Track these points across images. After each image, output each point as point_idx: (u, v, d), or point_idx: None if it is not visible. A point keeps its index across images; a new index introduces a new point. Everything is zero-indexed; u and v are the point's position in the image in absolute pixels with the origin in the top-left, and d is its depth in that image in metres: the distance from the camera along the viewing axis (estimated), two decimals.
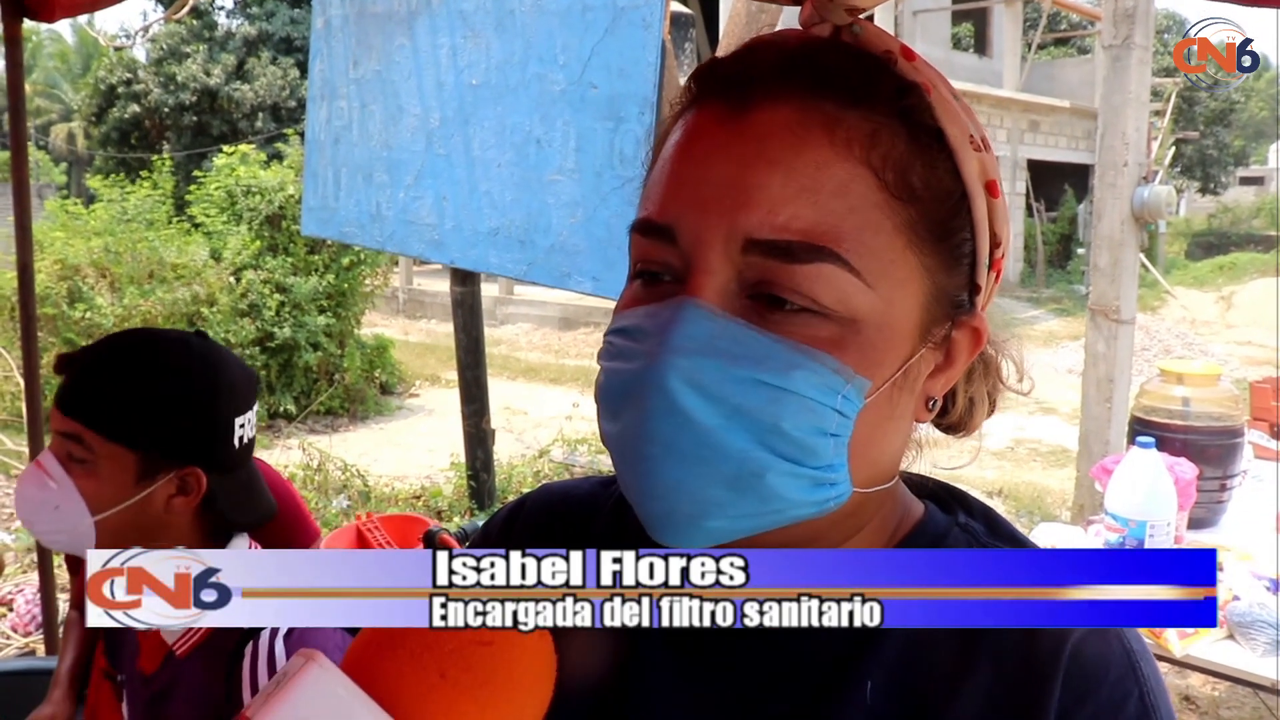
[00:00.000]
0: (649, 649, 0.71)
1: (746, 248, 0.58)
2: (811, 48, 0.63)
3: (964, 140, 0.63)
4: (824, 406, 0.58)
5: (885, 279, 0.60)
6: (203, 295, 8.94)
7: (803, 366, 0.57)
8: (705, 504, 0.58)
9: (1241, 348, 14.63)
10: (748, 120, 0.60)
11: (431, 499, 6.77)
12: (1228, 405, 3.30)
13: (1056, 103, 19.02)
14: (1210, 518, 3.21)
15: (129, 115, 21.99)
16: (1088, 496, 5.53)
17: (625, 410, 0.60)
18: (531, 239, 3.32)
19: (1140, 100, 5.34)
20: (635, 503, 0.61)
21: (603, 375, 0.63)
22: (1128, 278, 5.42)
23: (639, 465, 0.59)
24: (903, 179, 0.60)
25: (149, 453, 1.31)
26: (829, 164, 0.59)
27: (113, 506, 1.31)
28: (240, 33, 22.96)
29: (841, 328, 0.59)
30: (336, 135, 4.31)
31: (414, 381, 11.43)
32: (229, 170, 9.90)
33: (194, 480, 1.34)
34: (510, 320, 16.07)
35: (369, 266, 10.08)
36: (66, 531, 1.32)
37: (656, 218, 0.62)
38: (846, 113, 0.60)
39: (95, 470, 1.30)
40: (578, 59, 3.14)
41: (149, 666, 1.38)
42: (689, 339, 0.58)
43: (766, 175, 0.59)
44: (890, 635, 0.65)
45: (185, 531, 1.38)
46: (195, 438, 1.33)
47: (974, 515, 0.72)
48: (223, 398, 1.36)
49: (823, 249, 0.58)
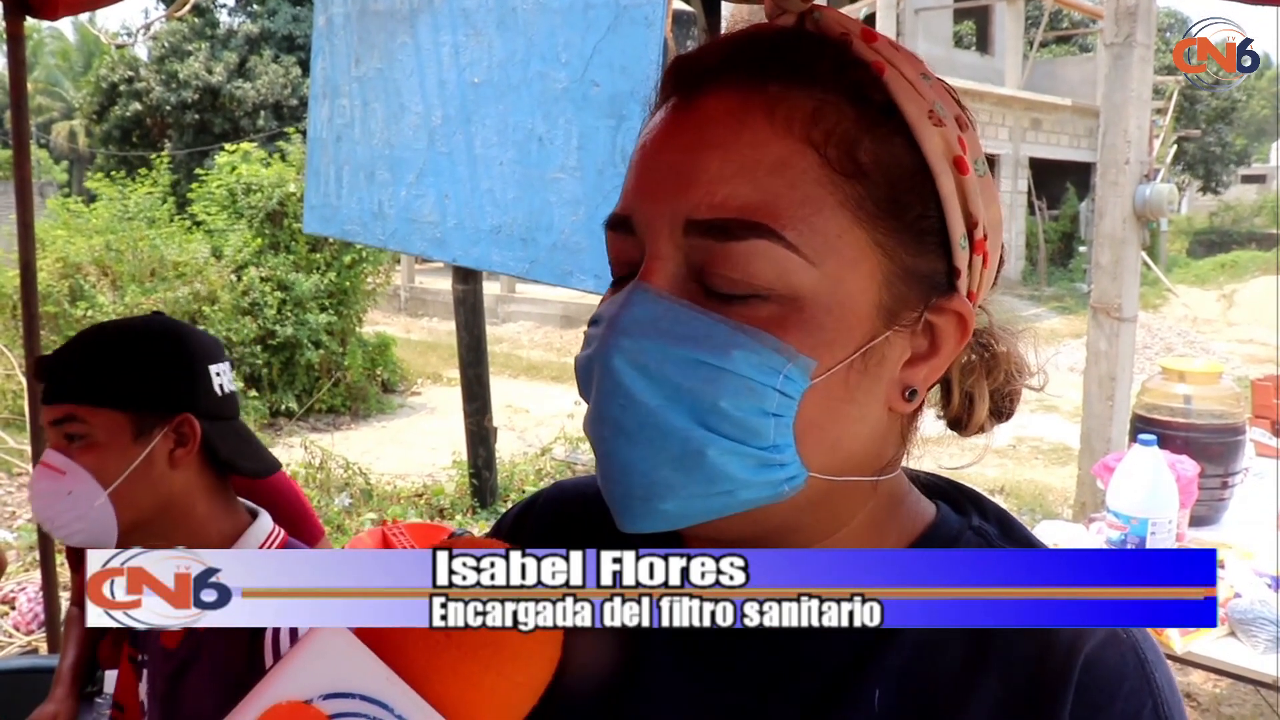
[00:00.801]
0: (650, 650, 0.71)
1: (687, 229, 0.59)
2: (760, 35, 0.64)
3: (922, 115, 0.61)
4: (764, 386, 0.57)
5: (831, 256, 0.59)
6: (204, 293, 8.94)
7: (742, 346, 0.57)
8: (655, 485, 0.59)
9: (1243, 346, 14.62)
10: (694, 108, 0.62)
11: (434, 497, 6.78)
12: (1229, 403, 3.30)
13: (1058, 101, 19.01)
14: (1212, 515, 3.21)
15: (130, 113, 22.01)
16: (1089, 494, 5.53)
17: (587, 394, 0.62)
18: (533, 237, 3.32)
19: (1142, 98, 5.33)
20: (602, 490, 0.63)
21: (575, 364, 0.65)
22: (1129, 276, 5.42)
23: (597, 449, 0.61)
24: (847, 155, 0.59)
25: (138, 410, 1.36)
26: (766, 142, 0.59)
27: (119, 474, 1.35)
28: (242, 30, 22.97)
29: (783, 306, 0.58)
30: (339, 133, 4.30)
31: (416, 379, 11.43)
32: (230, 168, 9.91)
33: (188, 428, 1.39)
34: (512, 318, 16.08)
35: (371, 264, 10.09)
36: (84, 518, 1.35)
37: (618, 210, 0.64)
38: (790, 92, 0.60)
39: (93, 442, 1.35)
40: (580, 57, 3.14)
41: (170, 641, 1.41)
42: (633, 322, 0.59)
43: (706, 158, 0.59)
44: (897, 641, 0.64)
45: (196, 493, 1.42)
46: (176, 384, 1.40)
47: (987, 517, 0.71)
48: (195, 349, 1.44)
49: (758, 225, 0.58)
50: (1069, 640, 0.61)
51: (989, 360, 0.70)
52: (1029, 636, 0.62)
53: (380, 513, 6.31)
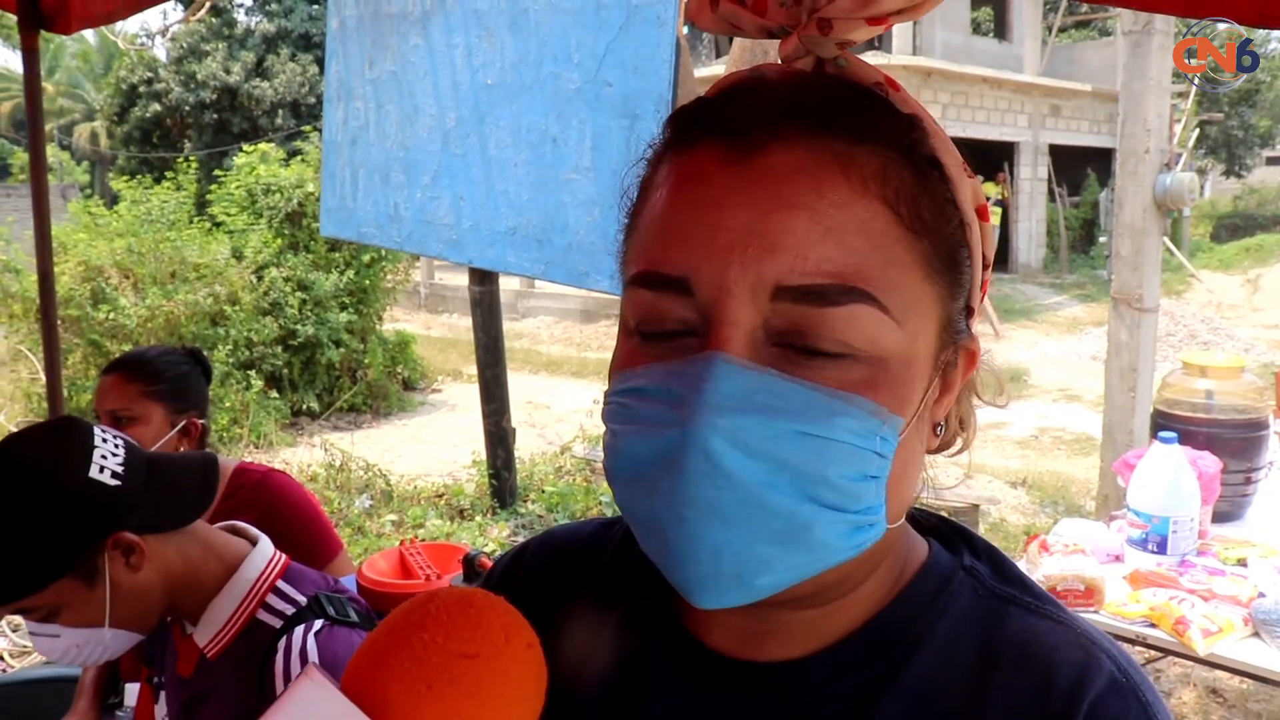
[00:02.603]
0: (662, 694, 0.71)
1: (776, 294, 0.56)
2: (808, 85, 0.62)
3: (959, 168, 0.63)
4: (865, 450, 0.57)
5: (911, 314, 0.59)
6: (224, 294, 8.99)
7: (843, 413, 0.56)
8: (751, 563, 0.57)
9: (1269, 331, 14.48)
10: (758, 163, 0.58)
11: (454, 497, 6.80)
12: (1252, 397, 3.26)
13: (1078, 86, 18.84)
14: (1235, 511, 3.18)
15: (150, 114, 22.15)
16: (1112, 487, 5.48)
17: (655, 475, 0.57)
18: (549, 238, 3.32)
19: (1161, 86, 5.28)
20: (669, 567, 0.59)
21: (619, 440, 0.60)
22: (1150, 266, 5.37)
23: (673, 530, 0.57)
24: (915, 212, 0.59)
25: (69, 570, 1.30)
26: (849, 203, 0.57)
27: (104, 612, 1.33)
28: (259, 30, 23.06)
29: (872, 368, 0.58)
30: (353, 136, 4.32)
31: (436, 377, 11.47)
32: (249, 169, 9.96)
33: (124, 541, 1.33)
34: (531, 314, 16.10)
35: (390, 263, 10.12)
36: (106, 645, 1.37)
37: (667, 270, 0.59)
38: (856, 149, 0.58)
39: (61, 609, 1.32)
40: (592, 57, 3.13)
41: (186, 670, 1.43)
42: (725, 396, 0.55)
43: (790, 219, 0.56)
44: (902, 687, 0.64)
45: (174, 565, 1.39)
46: (75, 530, 1.30)
47: (979, 555, 0.71)
48: (56, 486, 1.30)
49: (854, 289, 0.56)
50: (1070, 687, 0.61)
51: (973, 382, 0.71)
52: (1029, 682, 0.62)
53: (401, 514, 6.34)
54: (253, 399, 8.49)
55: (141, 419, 2.05)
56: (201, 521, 1.46)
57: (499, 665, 0.61)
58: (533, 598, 0.73)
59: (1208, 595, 2.52)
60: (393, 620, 0.62)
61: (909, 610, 0.67)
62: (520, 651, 0.62)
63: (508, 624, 0.62)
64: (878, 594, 0.68)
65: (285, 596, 1.41)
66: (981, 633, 0.65)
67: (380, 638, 0.61)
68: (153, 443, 2.03)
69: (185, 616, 1.43)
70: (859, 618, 0.67)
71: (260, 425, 8.33)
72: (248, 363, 8.96)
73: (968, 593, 0.68)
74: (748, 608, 0.66)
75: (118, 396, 2.05)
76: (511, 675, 0.61)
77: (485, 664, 0.60)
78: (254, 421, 8.31)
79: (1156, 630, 2.46)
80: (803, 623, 0.67)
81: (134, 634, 1.38)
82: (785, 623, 0.67)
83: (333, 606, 1.40)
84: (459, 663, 0.59)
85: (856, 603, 0.67)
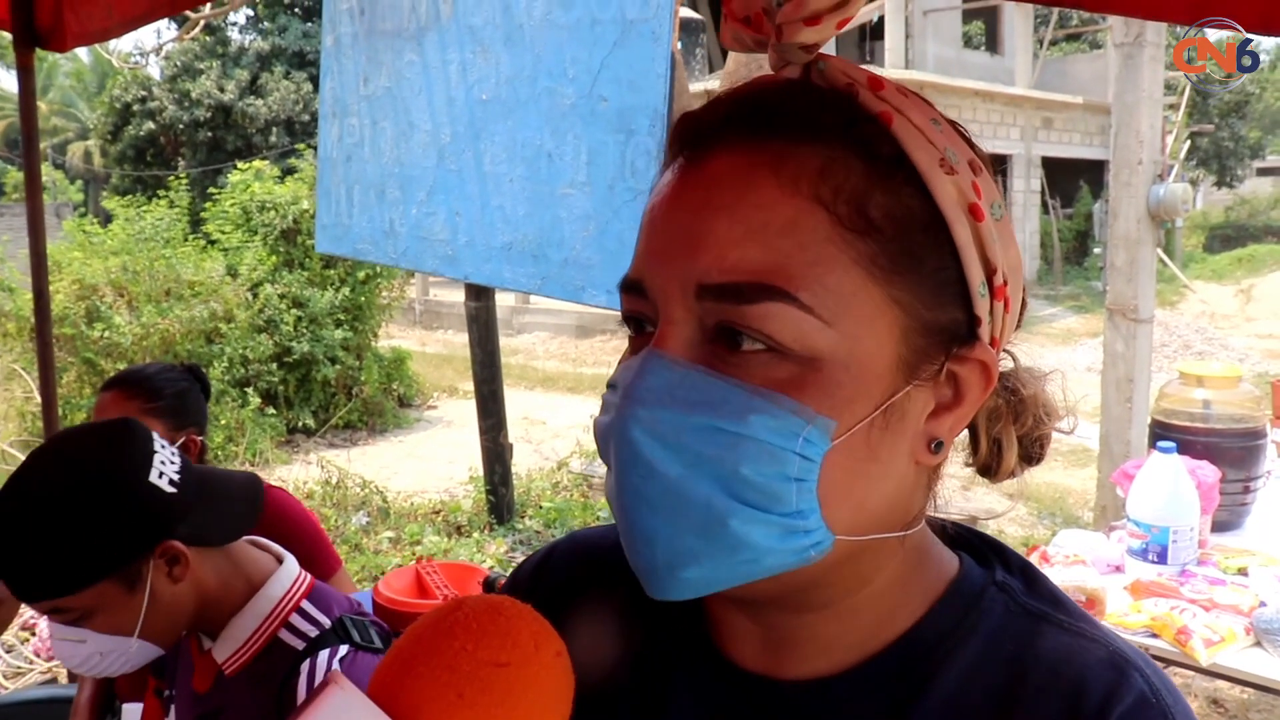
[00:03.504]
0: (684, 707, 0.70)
1: (700, 293, 0.58)
2: (764, 90, 0.63)
3: (933, 164, 0.60)
4: (784, 450, 0.56)
5: (846, 315, 0.58)
6: (220, 312, 8.99)
7: (759, 410, 0.56)
8: (680, 554, 0.58)
9: (1262, 341, 14.52)
10: (700, 169, 0.61)
11: (451, 514, 6.78)
12: (1249, 406, 3.27)
13: (1069, 99, 18.93)
14: (1234, 520, 3.19)
15: (144, 132, 22.15)
16: (1110, 498, 5.49)
17: (608, 462, 0.61)
18: (545, 253, 3.32)
19: (1153, 98, 5.30)
20: (628, 557, 0.62)
21: (594, 428, 0.64)
22: (1145, 276, 5.38)
23: (621, 519, 0.60)
24: (857, 211, 0.58)
25: (115, 572, 1.29)
26: (775, 203, 0.58)
27: (135, 621, 1.31)
28: (253, 48, 23.11)
29: (801, 367, 0.57)
30: (349, 153, 4.32)
31: (432, 393, 11.45)
32: (244, 186, 9.96)
33: (172, 550, 1.32)
34: (526, 329, 16.10)
35: (385, 279, 10.12)
36: (129, 657, 1.35)
37: (631, 274, 0.63)
38: (796, 149, 0.59)
39: (94, 613, 1.31)
40: (587, 72, 3.13)
41: (202, 686, 1.42)
42: (648, 390, 0.58)
43: (713, 220, 0.59)
44: (929, 706, 0.63)
45: (208, 582, 1.38)
46: (132, 529, 1.29)
47: (1011, 570, 0.70)
48: (120, 480, 1.29)
49: (771, 288, 0.57)
50: (1099, 704, 0.60)
51: (1016, 405, 0.68)
52: (1058, 700, 0.61)
53: (398, 531, 6.32)
54: (248, 416, 8.47)
55: None
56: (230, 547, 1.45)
57: (529, 673, 0.61)
58: (559, 600, 0.73)
59: (1209, 605, 2.52)
60: (420, 629, 0.62)
61: (938, 628, 0.66)
62: (549, 660, 0.62)
63: (537, 632, 0.63)
64: (905, 609, 0.66)
65: (309, 617, 1.40)
66: (1012, 651, 0.64)
67: (407, 646, 0.61)
68: None
69: (206, 631, 1.41)
70: (886, 634, 0.66)
71: (256, 443, 8.30)
72: (243, 380, 8.94)
73: (999, 609, 0.66)
74: (759, 616, 0.66)
75: (117, 413, 2.03)
76: (541, 683, 0.61)
77: (516, 672, 0.60)
78: (250, 439, 8.29)
79: (1158, 640, 2.45)
80: (821, 635, 0.66)
81: (156, 648, 1.37)
82: (796, 633, 0.66)
83: (357, 631, 1.38)
84: (490, 671, 0.59)
85: (870, 618, 0.66)
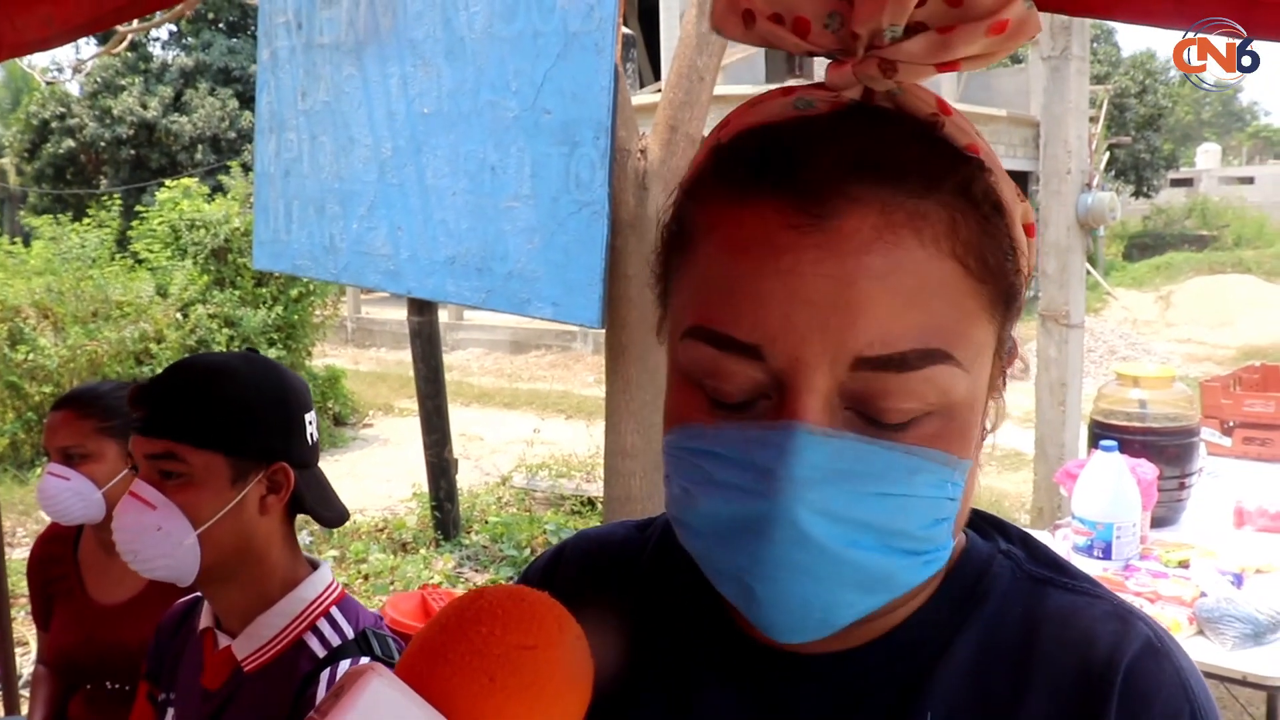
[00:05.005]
0: (705, 687, 0.71)
1: (856, 365, 0.56)
2: (871, 129, 0.59)
3: (1015, 199, 0.62)
4: (939, 499, 0.59)
5: (978, 359, 0.60)
6: (150, 332, 8.81)
7: (920, 470, 0.58)
8: (837, 608, 0.59)
9: (1182, 345, 14.96)
10: (831, 228, 0.56)
11: (395, 531, 6.70)
12: (1183, 405, 3.37)
13: (994, 112, 19.33)
14: (1171, 516, 3.28)
15: (64, 150, 21.63)
16: (1046, 500, 5.61)
17: (739, 537, 0.58)
18: (489, 266, 3.30)
19: (1080, 109, 5.45)
20: (752, 613, 0.60)
21: (697, 499, 0.60)
22: (1076, 283, 5.52)
23: (761, 586, 0.58)
24: (982, 261, 0.59)
25: (238, 455, 1.36)
26: (924, 266, 0.57)
27: (212, 516, 1.33)
28: (177, 64, 22.70)
29: (943, 419, 0.59)
30: (287, 168, 4.26)
31: (367, 412, 11.32)
32: (172, 204, 9.78)
33: (283, 476, 1.40)
34: (461, 346, 15.99)
35: (319, 297, 10.00)
36: (170, 555, 1.33)
37: (737, 335, 0.58)
38: (925, 204, 0.57)
39: (191, 482, 1.33)
40: (530, 85, 3.13)
41: (213, 683, 1.41)
42: (810, 467, 0.56)
43: (870, 290, 0.56)
44: (950, 669, 0.66)
45: (274, 540, 1.41)
46: (276, 434, 1.40)
47: (1012, 540, 0.73)
48: (292, 396, 1.44)
49: (935, 351, 0.57)
50: (1108, 652, 0.64)
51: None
52: (1069, 653, 0.64)
53: (342, 549, 6.23)
54: None
55: (95, 456, 1.98)
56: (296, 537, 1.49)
57: (555, 656, 0.62)
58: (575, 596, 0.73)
59: (1153, 597, 2.59)
60: (444, 618, 0.63)
61: (953, 596, 0.69)
62: (572, 642, 0.64)
63: (559, 616, 0.64)
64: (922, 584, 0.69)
65: (335, 625, 1.40)
66: (1022, 612, 0.67)
67: (434, 635, 0.62)
68: (106, 481, 1.97)
69: (226, 620, 1.41)
70: (905, 608, 0.68)
71: None
72: None
73: (1007, 576, 0.70)
74: None
75: (70, 433, 1.99)
76: (566, 665, 0.63)
77: (543, 654, 0.62)
78: None
79: None
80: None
81: (189, 568, 1.34)
82: None
83: (379, 644, 1.39)
84: (519, 654, 0.61)
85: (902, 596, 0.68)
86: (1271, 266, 20.35)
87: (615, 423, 3.98)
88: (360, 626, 1.42)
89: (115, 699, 1.98)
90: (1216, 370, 10.95)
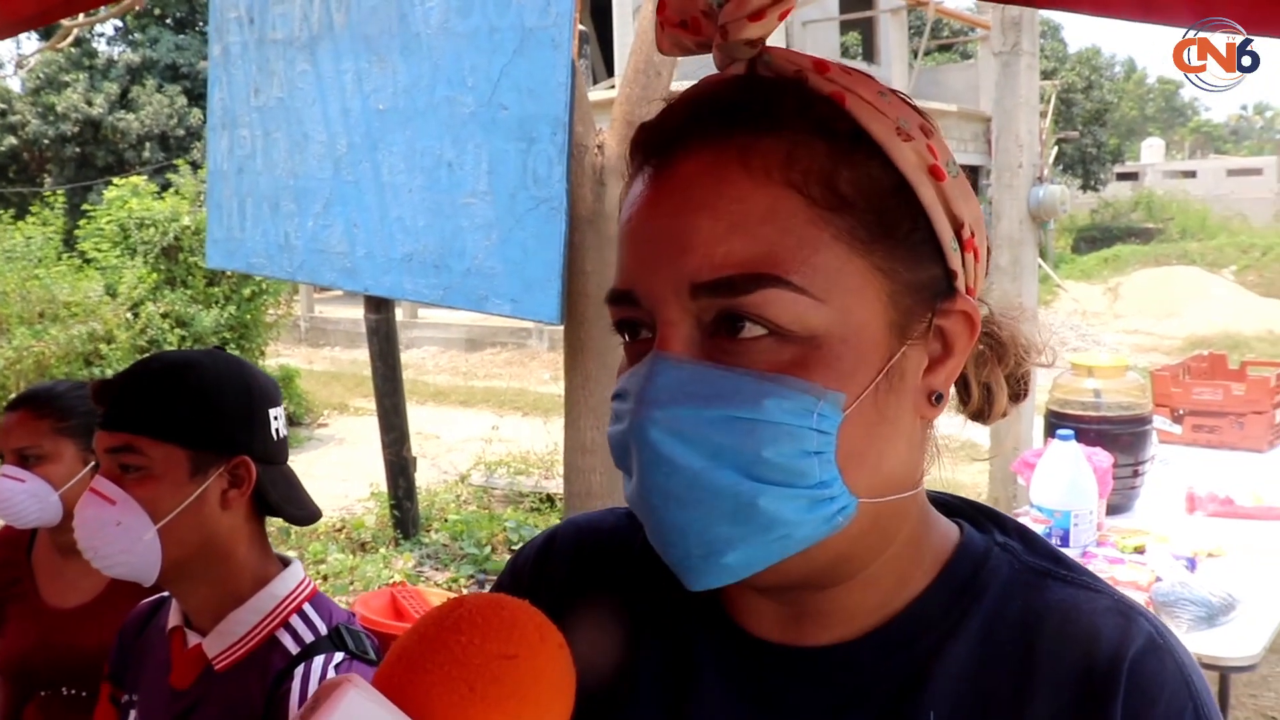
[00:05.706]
0: (701, 683, 0.71)
1: (694, 292, 0.60)
2: (718, 88, 0.65)
3: (890, 133, 0.63)
4: (801, 428, 0.59)
5: (836, 290, 0.60)
6: (100, 332, 8.65)
7: (772, 394, 0.59)
8: (714, 542, 0.60)
9: (1130, 336, 15.23)
10: (671, 173, 0.63)
11: (354, 530, 6.64)
12: (1135, 394, 3.43)
13: (944, 107, 19.52)
14: (1125, 503, 3.34)
15: (5, 148, 21.18)
16: (1001, 489, 5.69)
17: (628, 468, 0.62)
18: (446, 263, 3.28)
19: (1030, 104, 5.53)
20: (660, 554, 0.63)
21: (610, 439, 0.65)
22: (1028, 275, 5.60)
23: (649, 518, 0.62)
24: (829, 189, 0.61)
25: (198, 448, 1.34)
26: (750, 194, 0.60)
27: (171, 510, 1.31)
28: (123, 60, 22.29)
29: (803, 347, 0.60)
30: (240, 165, 4.20)
31: (322, 411, 11.22)
32: (120, 203, 9.61)
33: (244, 470, 1.38)
34: (416, 344, 15.89)
35: (272, 296, 9.88)
36: (130, 551, 1.31)
37: (618, 285, 0.65)
38: (759, 140, 0.61)
39: (149, 475, 1.32)
40: (487, 80, 3.10)
41: (181, 682, 1.38)
42: (661, 390, 0.60)
43: (694, 219, 0.61)
44: (950, 665, 0.66)
45: (239, 536, 1.39)
46: (238, 426, 1.39)
47: (1009, 533, 0.73)
48: (256, 390, 1.43)
49: (763, 275, 0.59)
50: (1112, 650, 0.64)
51: (998, 348, 0.72)
52: (1072, 648, 0.64)
53: (300, 550, 6.16)
54: None
55: (51, 457, 1.94)
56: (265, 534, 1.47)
57: (537, 664, 0.62)
58: (567, 584, 0.73)
59: (1111, 583, 2.64)
60: (423, 627, 0.62)
61: (951, 588, 0.69)
62: (554, 651, 0.63)
63: (540, 624, 0.63)
64: (918, 571, 0.69)
65: (308, 621, 1.39)
66: (1022, 606, 0.67)
67: (412, 644, 0.61)
68: (63, 482, 1.93)
69: (197, 618, 1.39)
70: (902, 597, 0.68)
71: None
72: None
73: (1005, 568, 0.70)
74: (777, 592, 0.67)
75: (25, 434, 1.94)
76: (548, 674, 0.62)
77: (524, 664, 0.61)
78: None
79: None
80: (837, 605, 0.68)
81: (150, 564, 1.32)
82: (819, 606, 0.68)
83: (353, 640, 1.38)
84: (499, 664, 0.60)
85: (889, 583, 0.68)
86: (1215, 258, 20.79)
87: (574, 419, 3.97)
88: (334, 623, 1.40)
89: (72, 705, 1.94)
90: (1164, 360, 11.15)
